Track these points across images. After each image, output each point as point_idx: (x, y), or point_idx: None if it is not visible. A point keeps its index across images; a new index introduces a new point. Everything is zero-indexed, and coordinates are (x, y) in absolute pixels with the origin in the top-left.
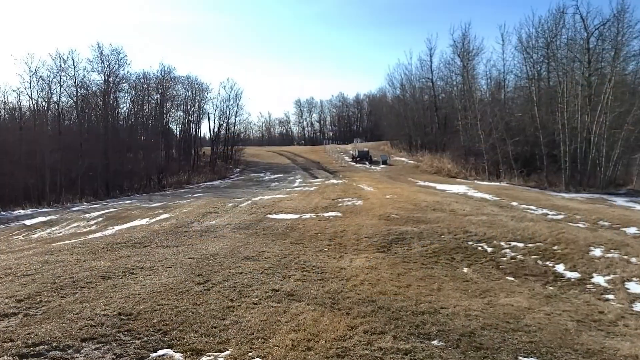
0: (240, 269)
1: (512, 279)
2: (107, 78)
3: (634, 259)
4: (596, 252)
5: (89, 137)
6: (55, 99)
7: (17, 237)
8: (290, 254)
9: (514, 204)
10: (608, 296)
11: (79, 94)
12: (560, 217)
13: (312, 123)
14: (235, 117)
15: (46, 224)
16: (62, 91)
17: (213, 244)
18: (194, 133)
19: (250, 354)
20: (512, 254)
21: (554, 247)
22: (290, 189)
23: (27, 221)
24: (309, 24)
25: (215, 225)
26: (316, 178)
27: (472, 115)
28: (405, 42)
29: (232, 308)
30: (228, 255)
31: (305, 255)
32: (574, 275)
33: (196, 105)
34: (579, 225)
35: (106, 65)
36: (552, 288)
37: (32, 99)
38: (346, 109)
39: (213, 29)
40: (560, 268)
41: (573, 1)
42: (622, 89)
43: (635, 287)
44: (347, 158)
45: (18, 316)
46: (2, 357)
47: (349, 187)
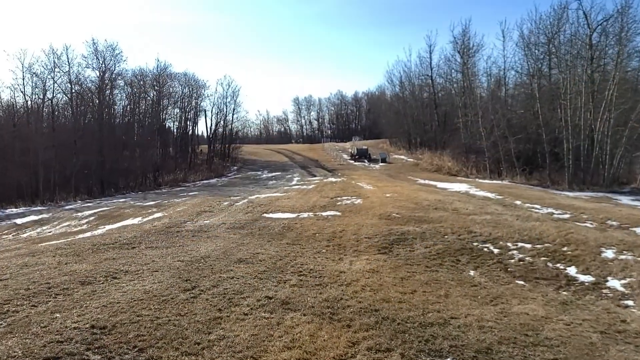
0: (232, 273)
1: (522, 283)
2: (102, 74)
3: None
4: (608, 253)
5: (84, 134)
6: (49, 96)
7: (6, 236)
8: (287, 256)
9: (518, 202)
10: (627, 302)
11: (74, 91)
12: (567, 216)
13: (310, 121)
14: (233, 114)
15: (37, 223)
16: (56, 87)
17: (205, 245)
18: (191, 131)
19: None
20: (520, 256)
21: (564, 249)
22: (288, 187)
23: (19, 220)
24: (308, 23)
25: (209, 225)
26: (314, 176)
27: (472, 113)
28: (405, 42)
29: (219, 320)
30: (220, 257)
31: (302, 257)
32: (587, 278)
33: (193, 102)
34: (587, 225)
35: (101, 62)
36: (566, 293)
37: (25, 96)
38: (345, 107)
39: (213, 29)
40: (573, 271)
41: None
42: (625, 85)
43: None
44: (345, 156)
45: None
46: None
47: (348, 185)
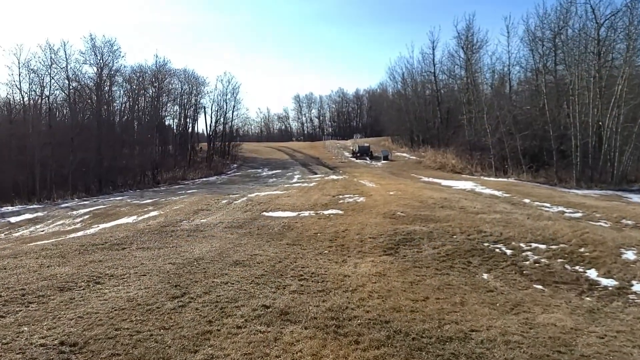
0: (226, 277)
1: (541, 287)
2: (100, 71)
3: None
4: (629, 254)
5: (81, 131)
6: (46, 93)
7: None
8: (286, 257)
9: (527, 201)
10: None
11: (71, 87)
12: (579, 215)
13: (311, 119)
14: (233, 111)
15: (31, 222)
16: (53, 84)
17: (200, 245)
18: (191, 128)
19: None
20: (535, 257)
21: (581, 249)
22: (289, 185)
23: (13, 218)
24: (309, 21)
25: (205, 224)
26: (315, 174)
27: (477, 109)
28: (407, 39)
29: (208, 335)
30: (215, 259)
31: (303, 259)
32: (610, 282)
33: (193, 99)
34: (601, 224)
35: (99, 58)
36: (590, 299)
37: (22, 92)
38: (346, 104)
39: (212, 28)
40: (593, 274)
41: None
42: (635, 81)
43: None
44: (347, 154)
45: None
46: None
47: (350, 183)
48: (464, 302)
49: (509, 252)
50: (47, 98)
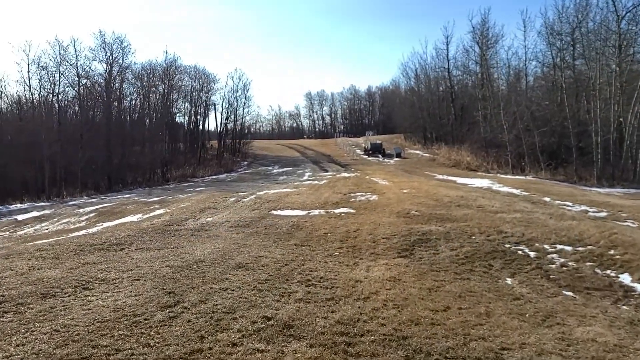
0: (226, 282)
1: (571, 294)
2: (109, 67)
3: None
4: None
5: (91, 128)
6: (55, 89)
7: (2, 233)
8: (294, 260)
9: (547, 199)
10: None
11: (81, 84)
12: (604, 214)
13: (322, 116)
14: (243, 108)
15: (37, 220)
16: (62, 80)
17: (203, 246)
18: (201, 125)
19: None
20: (562, 260)
21: (610, 252)
22: (299, 183)
23: (20, 216)
24: (320, 18)
25: (211, 223)
26: (326, 171)
27: (493, 105)
28: (420, 35)
29: (198, 354)
30: (216, 262)
31: (311, 261)
32: None
33: (203, 97)
34: (629, 224)
35: (109, 54)
36: (627, 308)
37: (30, 89)
38: (358, 101)
39: (222, 26)
40: (627, 279)
41: None
42: None
43: None
44: (359, 151)
45: None
46: None
47: (362, 180)
48: (489, 313)
49: (532, 254)
50: (56, 95)
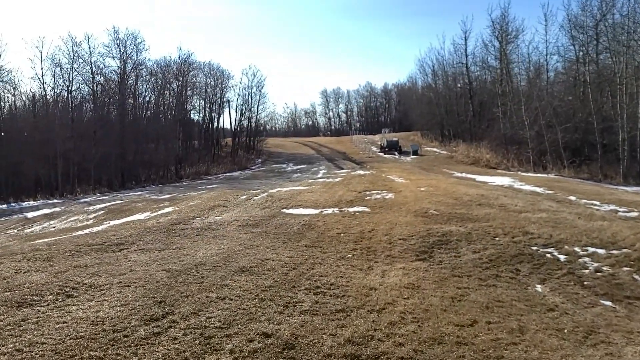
0: (226, 290)
1: (610, 304)
2: (123, 64)
3: None
4: None
5: (104, 125)
6: (69, 85)
7: (11, 231)
8: (303, 263)
9: (572, 198)
10: None
11: (95, 80)
12: (635, 214)
13: (338, 114)
14: (258, 105)
15: (47, 217)
16: (76, 77)
17: (207, 247)
18: (216, 122)
19: None
20: (595, 265)
21: None
22: (313, 180)
23: (30, 213)
24: (335, 16)
25: (219, 222)
26: (341, 169)
27: (514, 101)
28: (438, 32)
29: None
30: (218, 265)
31: (322, 265)
32: None
33: (218, 93)
34: None
35: (122, 51)
36: None
37: (44, 85)
38: (374, 99)
39: (237, 22)
40: None
41: None
42: None
43: None
44: (374, 149)
45: None
46: None
47: (378, 178)
48: (523, 329)
49: (562, 257)
50: (70, 91)
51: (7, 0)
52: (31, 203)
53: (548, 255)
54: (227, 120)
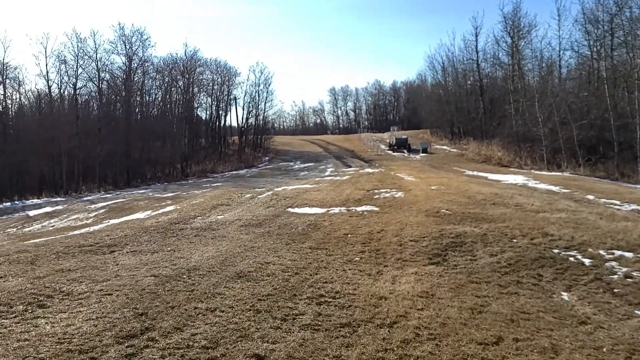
0: (218, 300)
1: None
2: (129, 60)
3: None
4: None
5: (110, 122)
6: (73, 82)
7: (11, 229)
8: (306, 267)
9: (591, 197)
10: None
11: (100, 77)
12: None
13: (347, 112)
14: (265, 102)
15: (48, 216)
16: (81, 73)
17: (204, 249)
18: (223, 120)
19: None
20: (624, 270)
21: None
22: (320, 179)
23: (33, 212)
24: (343, 14)
25: (221, 221)
26: (349, 167)
27: (527, 97)
28: (447, 31)
29: None
30: (214, 269)
31: (327, 269)
32: None
33: (225, 90)
34: None
35: (128, 47)
36: None
37: (49, 82)
38: (382, 97)
39: (244, 20)
40: None
41: None
42: None
43: None
44: (383, 146)
45: None
46: None
47: (387, 176)
48: (556, 348)
49: (587, 261)
50: (75, 88)
51: None
52: (35, 201)
53: (571, 258)
54: (234, 118)
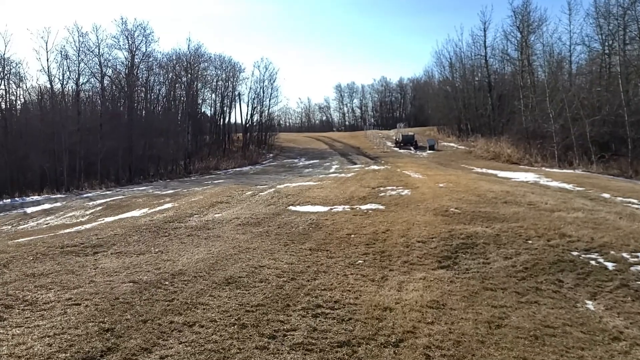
0: (199, 311)
1: None
2: (131, 55)
3: None
4: None
5: (112, 118)
6: (75, 77)
7: (6, 227)
8: (304, 271)
9: (606, 195)
10: None
11: (102, 72)
12: None
13: (352, 109)
14: (270, 99)
15: (45, 213)
16: (82, 68)
17: (195, 250)
18: (227, 117)
19: None
20: None
21: None
22: (324, 176)
23: (30, 209)
24: (349, 11)
25: (217, 220)
26: (355, 164)
27: (537, 93)
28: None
29: None
30: (200, 274)
31: (326, 274)
32: None
33: (229, 87)
34: None
35: (131, 42)
36: None
37: (50, 77)
38: (389, 94)
39: (249, 17)
40: None
41: None
42: None
43: None
44: (389, 143)
45: None
46: None
47: (393, 173)
48: None
49: (610, 265)
50: (76, 83)
51: None
52: (34, 198)
53: (593, 262)
54: (238, 114)
